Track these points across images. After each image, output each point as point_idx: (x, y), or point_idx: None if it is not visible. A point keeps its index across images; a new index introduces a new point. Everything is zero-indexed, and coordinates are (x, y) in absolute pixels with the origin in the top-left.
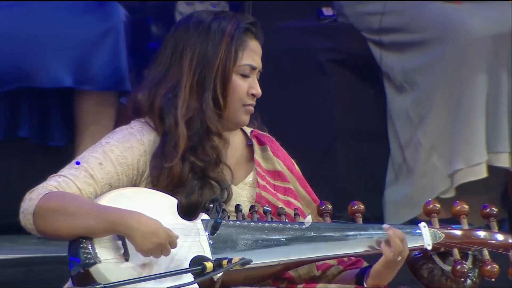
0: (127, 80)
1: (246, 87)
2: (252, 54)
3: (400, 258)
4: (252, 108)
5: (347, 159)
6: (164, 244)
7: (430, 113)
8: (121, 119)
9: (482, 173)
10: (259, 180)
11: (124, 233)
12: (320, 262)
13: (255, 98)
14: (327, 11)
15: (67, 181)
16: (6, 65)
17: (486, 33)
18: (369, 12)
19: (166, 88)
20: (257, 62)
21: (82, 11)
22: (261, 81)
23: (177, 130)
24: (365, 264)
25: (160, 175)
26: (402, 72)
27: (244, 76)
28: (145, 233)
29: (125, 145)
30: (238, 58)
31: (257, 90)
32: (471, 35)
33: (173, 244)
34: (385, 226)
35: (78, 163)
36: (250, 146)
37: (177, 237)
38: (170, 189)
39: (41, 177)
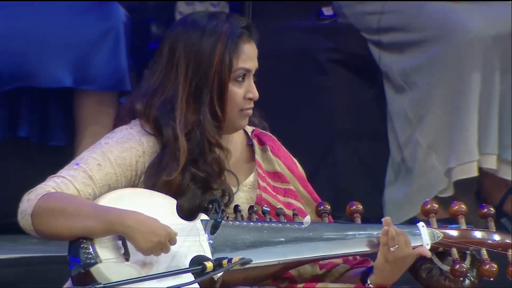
0: (127, 80)
1: (243, 93)
2: (245, 58)
3: (394, 249)
4: (250, 111)
5: (347, 159)
6: (163, 242)
7: (429, 112)
8: (117, 121)
9: (473, 171)
10: (260, 181)
11: (123, 232)
12: (325, 261)
13: (253, 101)
14: (327, 11)
15: (66, 182)
16: (6, 65)
17: (485, 33)
18: (368, 12)
19: (161, 100)
20: (251, 64)
21: (82, 11)
22: (261, 81)
23: (177, 143)
24: (372, 263)
25: (155, 185)
26: (401, 72)
27: (239, 81)
28: (144, 233)
29: (124, 146)
30: (233, 66)
31: (254, 94)
32: (469, 35)
33: (173, 241)
34: (385, 218)
35: (77, 164)
36: (250, 146)
37: (176, 234)
38: (169, 195)
39: (41, 177)
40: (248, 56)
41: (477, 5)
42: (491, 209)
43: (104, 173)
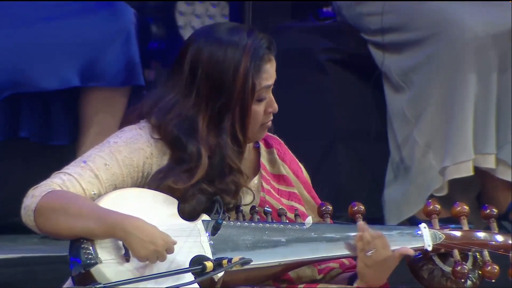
0: (140, 74)
1: (263, 109)
2: (267, 76)
3: (371, 253)
4: (270, 124)
5: (347, 159)
6: (160, 251)
7: (426, 111)
8: (123, 124)
9: (468, 171)
10: (264, 184)
11: (122, 237)
12: (323, 266)
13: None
14: (327, 11)
15: (72, 179)
16: (14, 69)
17: (483, 32)
18: (367, 12)
19: (179, 118)
20: (271, 80)
21: (92, 11)
22: None
23: (199, 162)
24: None
25: (159, 187)
26: (399, 71)
27: (261, 100)
28: (142, 240)
29: (132, 147)
30: (255, 88)
31: (274, 108)
32: (467, 34)
33: (170, 251)
34: (359, 223)
35: (84, 161)
36: (257, 149)
37: (174, 243)
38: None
39: (41, 177)
40: (269, 74)
41: (476, 4)
42: (494, 210)
43: (111, 173)
